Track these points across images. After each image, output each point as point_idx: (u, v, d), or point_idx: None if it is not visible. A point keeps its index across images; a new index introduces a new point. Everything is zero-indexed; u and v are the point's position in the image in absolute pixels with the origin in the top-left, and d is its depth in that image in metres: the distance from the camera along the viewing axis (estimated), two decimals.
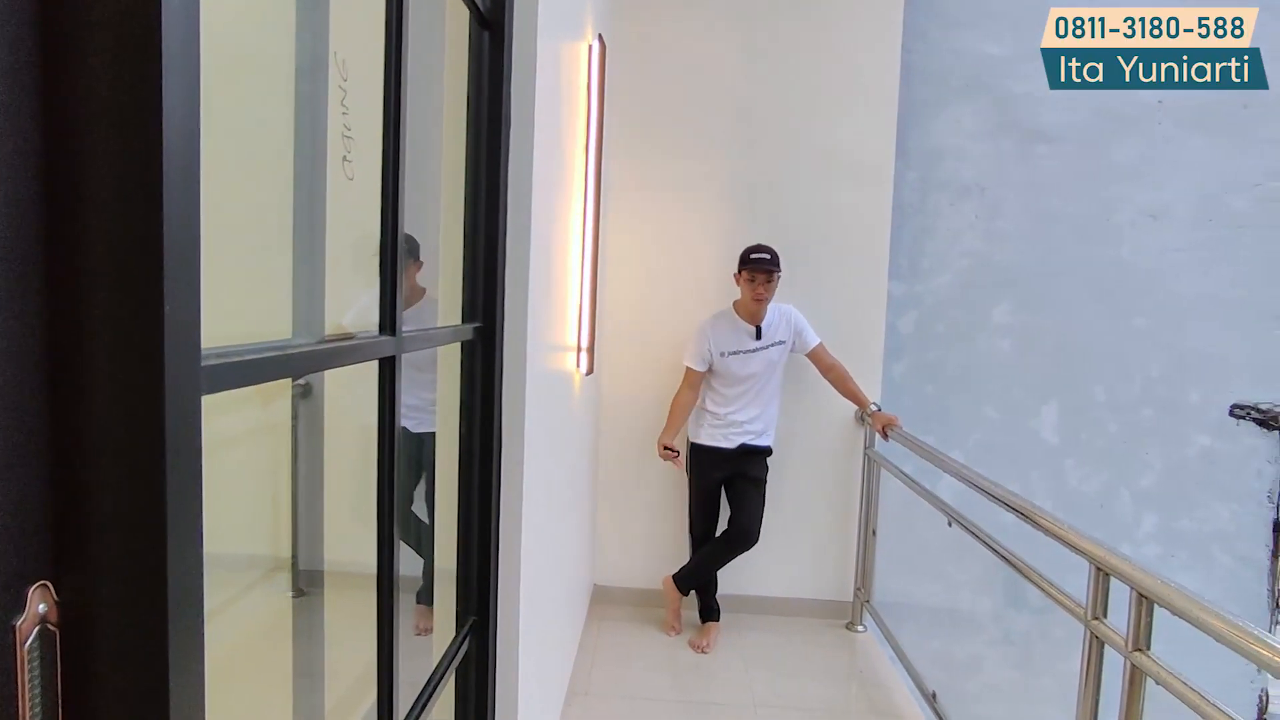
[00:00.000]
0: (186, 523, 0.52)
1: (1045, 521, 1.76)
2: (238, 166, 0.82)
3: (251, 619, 1.16)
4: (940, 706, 2.45)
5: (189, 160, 0.49)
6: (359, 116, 0.99)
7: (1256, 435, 3.61)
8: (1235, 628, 1.19)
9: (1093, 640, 1.58)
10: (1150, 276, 3.62)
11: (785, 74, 3.25)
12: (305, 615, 1.20)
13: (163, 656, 0.50)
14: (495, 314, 1.52)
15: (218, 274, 0.66)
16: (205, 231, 0.53)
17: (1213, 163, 3.57)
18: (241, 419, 0.99)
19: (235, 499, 1.07)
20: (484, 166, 1.50)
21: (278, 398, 1.11)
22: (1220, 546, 3.66)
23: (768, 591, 3.36)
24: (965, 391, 3.71)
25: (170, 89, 0.47)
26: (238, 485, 1.07)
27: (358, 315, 1.14)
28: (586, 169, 2.48)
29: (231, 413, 0.92)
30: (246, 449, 1.09)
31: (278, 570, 1.23)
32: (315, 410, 1.25)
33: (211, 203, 0.55)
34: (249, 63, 0.84)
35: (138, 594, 0.50)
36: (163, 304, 0.48)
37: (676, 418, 3.07)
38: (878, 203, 3.28)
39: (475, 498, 1.54)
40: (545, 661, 2.11)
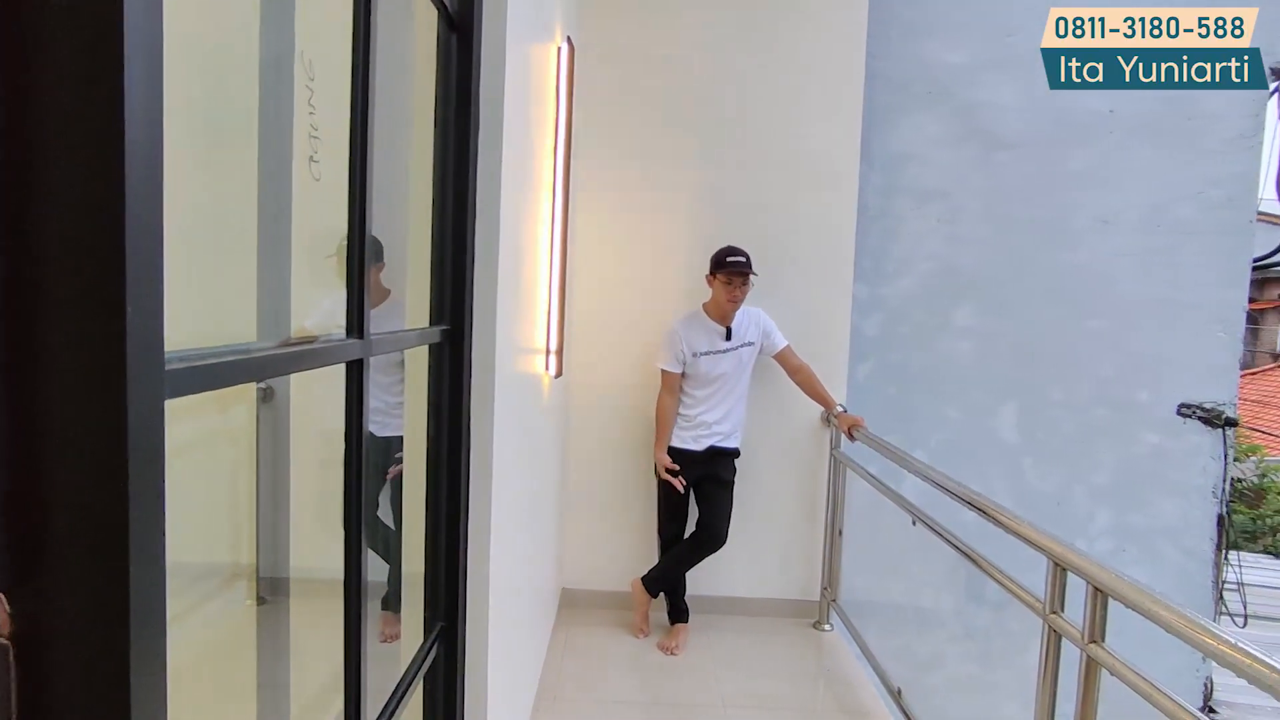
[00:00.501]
0: (149, 531, 0.51)
1: (1005, 519, 1.80)
2: (202, 166, 0.80)
3: (212, 628, 1.13)
4: (905, 702, 2.50)
5: (152, 159, 0.48)
6: (326, 117, 0.97)
7: (1201, 433, 3.75)
8: (1183, 619, 1.24)
9: (1050, 634, 1.63)
10: (1103, 280, 3.73)
11: (752, 79, 3.28)
12: (268, 623, 1.18)
13: (124, 669, 0.49)
14: (463, 317, 1.51)
15: (181, 276, 0.64)
16: (168, 232, 0.51)
17: (1160, 171, 3.71)
18: (204, 423, 0.97)
19: (196, 505, 1.04)
20: (452, 168, 1.48)
21: (241, 402, 1.09)
22: (1168, 541, 3.79)
23: (736, 592, 3.38)
24: (928, 392, 3.78)
25: (132, 85, 0.46)
26: (199, 491, 1.05)
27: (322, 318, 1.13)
28: (555, 172, 2.47)
29: (194, 417, 0.90)
30: (208, 453, 1.07)
31: (239, 578, 1.21)
32: (280, 414, 1.23)
33: (175, 203, 0.54)
34: (214, 61, 0.82)
35: (98, 605, 0.49)
36: (125, 306, 0.47)
37: (664, 426, 3.07)
38: (843, 206, 3.33)
39: (443, 502, 1.52)
40: (514, 667, 2.10)
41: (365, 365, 1.02)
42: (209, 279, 0.84)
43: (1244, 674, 1.10)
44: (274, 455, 1.23)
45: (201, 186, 0.80)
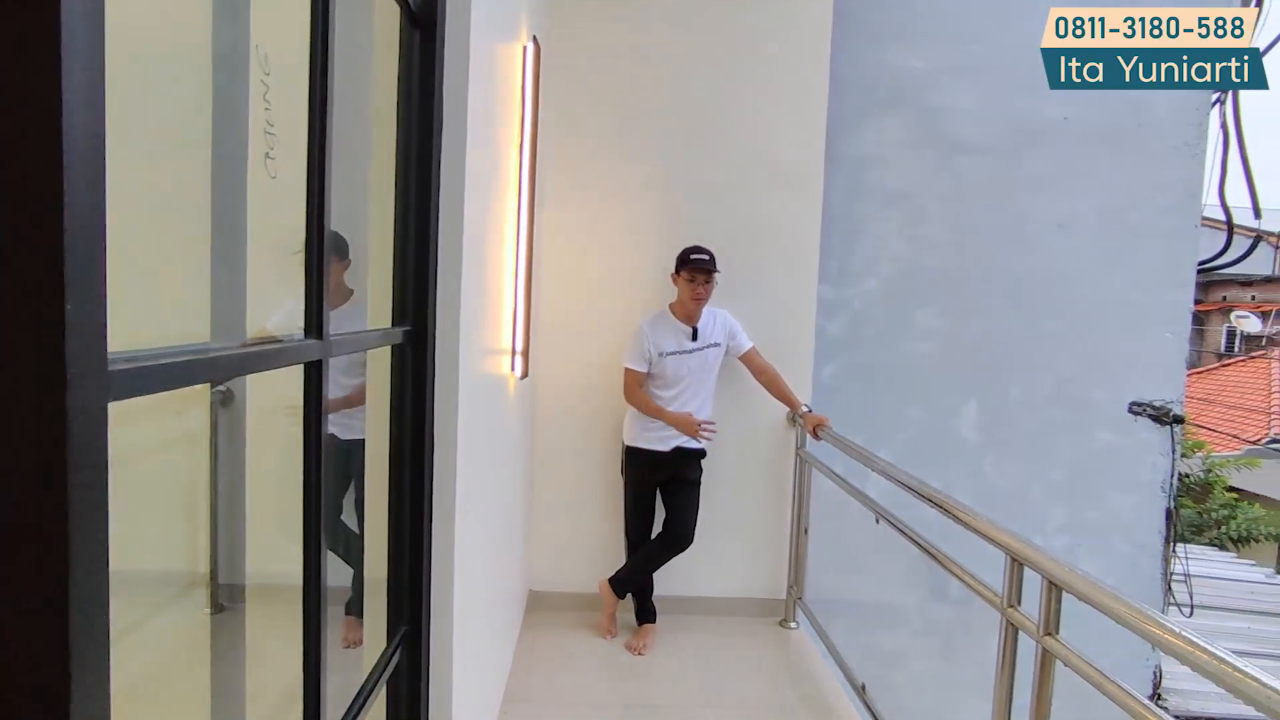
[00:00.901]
0: (91, 539, 0.49)
1: (965, 516, 1.84)
2: (151, 163, 0.78)
3: (165, 639, 1.10)
4: (869, 698, 2.53)
5: (92, 154, 0.47)
6: (283, 113, 0.95)
7: (1151, 430, 3.88)
8: (1131, 610, 1.28)
9: (1008, 627, 1.67)
10: (1059, 282, 3.84)
11: (718, 82, 3.31)
12: (225, 632, 1.15)
13: (65, 685, 0.47)
14: (426, 317, 1.49)
15: (128, 274, 0.62)
16: (114, 229, 0.50)
17: (1112, 177, 3.82)
18: (158, 427, 0.94)
19: (149, 511, 1.01)
20: (415, 167, 1.47)
21: (196, 404, 1.06)
22: (1121, 535, 3.91)
23: (703, 592, 3.40)
24: (892, 392, 3.85)
25: (70, 74, 0.45)
26: (152, 497, 1.02)
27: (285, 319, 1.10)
28: (520, 171, 2.46)
29: (146, 420, 0.87)
30: (163, 458, 1.04)
31: (195, 586, 1.17)
32: (237, 417, 1.20)
33: (120, 200, 0.52)
34: (164, 54, 0.80)
35: (35, 618, 0.47)
36: (64, 303, 0.45)
37: (651, 408, 3.04)
38: (808, 208, 3.37)
39: (406, 504, 1.50)
40: (480, 670, 2.08)
41: (324, 366, 1.00)
42: (159, 278, 0.82)
43: (1187, 661, 1.14)
44: (231, 459, 1.20)
45: (150, 183, 0.78)
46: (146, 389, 0.61)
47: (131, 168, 0.73)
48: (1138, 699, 1.27)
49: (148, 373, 0.61)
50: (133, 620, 0.97)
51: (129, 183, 0.70)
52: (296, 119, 0.93)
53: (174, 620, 1.10)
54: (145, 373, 0.61)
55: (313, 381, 0.98)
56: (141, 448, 0.93)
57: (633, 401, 3.08)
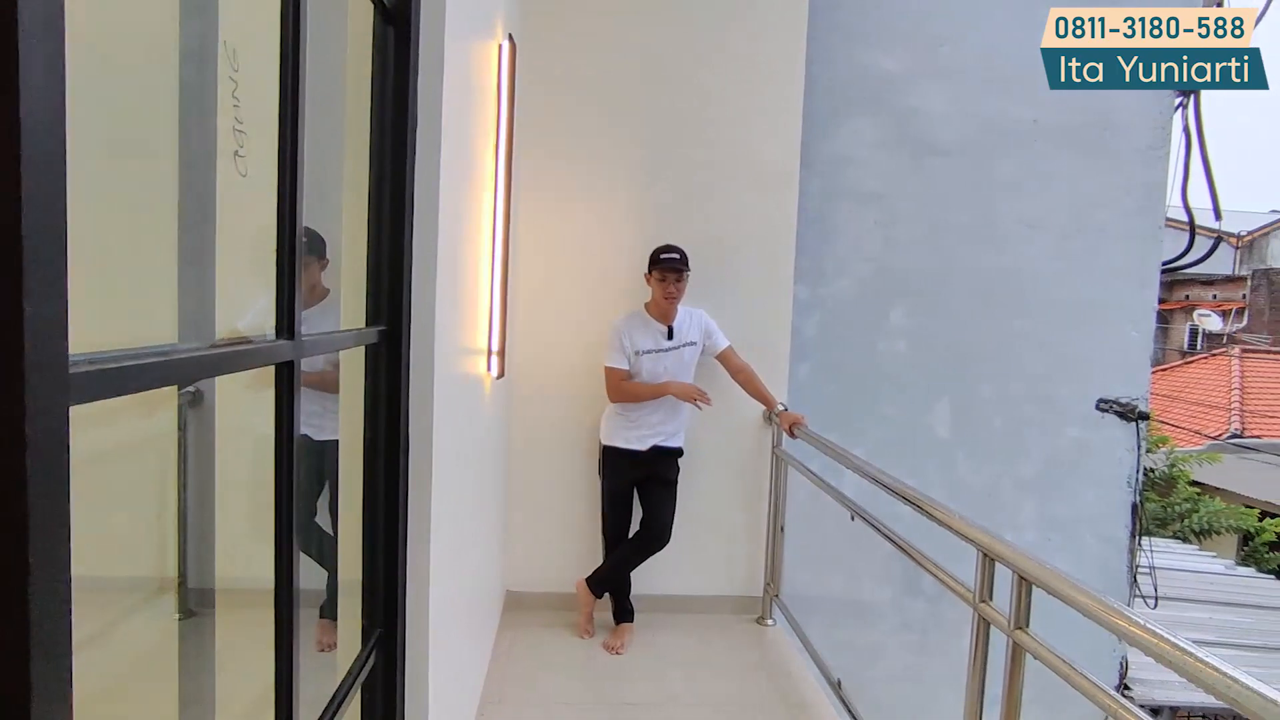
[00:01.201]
0: (52, 545, 0.48)
1: (938, 513, 1.87)
2: (114, 158, 0.76)
3: (131, 646, 1.08)
4: (845, 694, 2.56)
5: (52, 151, 0.46)
6: (253, 110, 0.94)
7: (1117, 426, 3.97)
8: (1100, 603, 1.31)
9: (980, 621, 1.69)
10: (1028, 282, 3.91)
11: (695, 82, 3.31)
12: (194, 638, 1.13)
13: (23, 694, 0.46)
14: (401, 316, 1.47)
15: (91, 274, 0.61)
16: (75, 227, 0.49)
17: (1079, 178, 3.90)
18: (124, 430, 0.92)
19: (115, 516, 0.99)
20: (389, 165, 1.45)
21: (164, 407, 1.04)
22: (1088, 529, 4.00)
23: (680, 590, 3.40)
24: (866, 391, 3.89)
25: (29, 68, 0.43)
26: (118, 500, 0.99)
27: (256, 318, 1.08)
28: (496, 170, 2.44)
29: (112, 423, 0.85)
30: (129, 461, 1.01)
31: (163, 591, 1.15)
32: (207, 419, 1.17)
33: (83, 196, 0.51)
34: (129, 50, 0.78)
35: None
36: (22, 304, 0.44)
37: (644, 389, 3.03)
38: (784, 208, 3.39)
39: (381, 506, 1.49)
40: (456, 672, 2.06)
41: (296, 367, 0.98)
42: (124, 278, 0.80)
43: (1150, 652, 1.17)
44: (201, 463, 1.18)
45: (114, 181, 0.76)
46: (110, 392, 0.60)
47: (94, 165, 0.72)
48: (1105, 690, 1.30)
49: (111, 375, 0.60)
50: (99, 627, 0.95)
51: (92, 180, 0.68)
52: (268, 116, 0.91)
53: (140, 627, 1.08)
54: (108, 375, 0.59)
55: (284, 383, 0.97)
56: (108, 450, 0.91)
57: (621, 397, 3.05)
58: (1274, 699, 0.96)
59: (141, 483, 1.06)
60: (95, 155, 0.72)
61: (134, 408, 0.94)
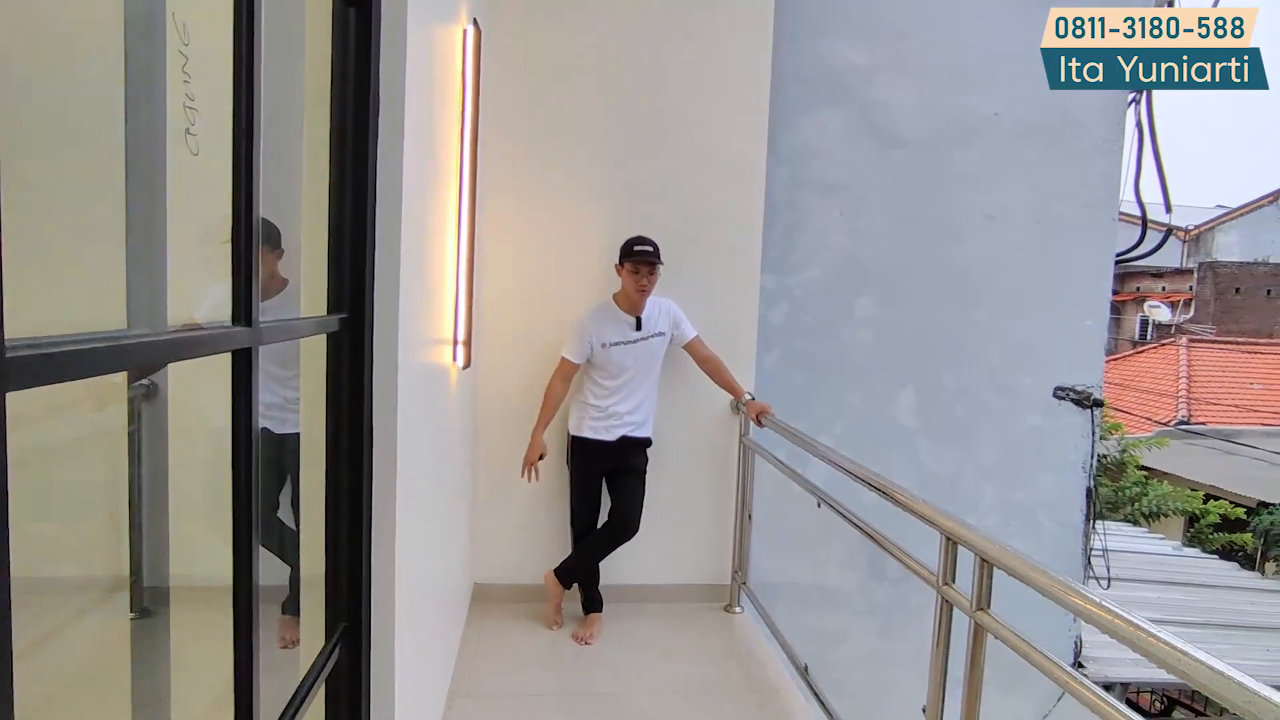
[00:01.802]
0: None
1: (903, 499, 1.90)
2: (56, 136, 0.72)
3: (82, 646, 1.04)
4: (812, 678, 2.60)
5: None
6: (205, 87, 0.90)
7: (1074, 414, 4.08)
8: (1057, 583, 1.34)
9: (943, 604, 1.73)
10: (989, 273, 3.99)
11: (662, 72, 3.30)
12: (149, 637, 1.09)
13: None
14: (364, 304, 1.44)
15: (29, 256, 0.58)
16: (11, 208, 0.46)
17: (1038, 172, 3.98)
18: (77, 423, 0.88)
19: (63, 513, 0.95)
20: (351, 149, 1.41)
21: (117, 399, 1.00)
22: (1046, 513, 4.11)
23: (649, 580, 3.41)
24: (832, 379, 3.93)
25: None
26: (69, 497, 0.95)
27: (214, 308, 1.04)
28: (462, 158, 2.40)
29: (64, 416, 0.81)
30: (81, 456, 0.97)
31: (116, 590, 1.11)
32: (162, 411, 1.13)
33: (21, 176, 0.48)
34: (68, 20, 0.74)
35: None
36: None
37: (548, 410, 3.06)
38: (751, 199, 3.40)
39: (345, 498, 1.46)
40: (423, 665, 2.04)
41: (254, 355, 0.95)
42: (66, 262, 0.76)
43: (1108, 630, 1.20)
44: (155, 457, 1.14)
45: (56, 160, 0.72)
46: (50, 378, 0.57)
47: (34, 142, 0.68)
48: (1063, 668, 1.34)
49: (51, 360, 0.57)
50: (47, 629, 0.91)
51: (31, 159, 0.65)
52: (223, 94, 0.87)
53: (93, 626, 1.04)
54: (49, 360, 0.56)
55: (241, 371, 0.93)
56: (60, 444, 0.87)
57: (548, 391, 3.07)
58: (1222, 670, 1.00)
59: (94, 478, 1.02)
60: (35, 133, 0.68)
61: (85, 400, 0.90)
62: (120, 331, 0.79)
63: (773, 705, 2.65)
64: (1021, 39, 3.92)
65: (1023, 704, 3.99)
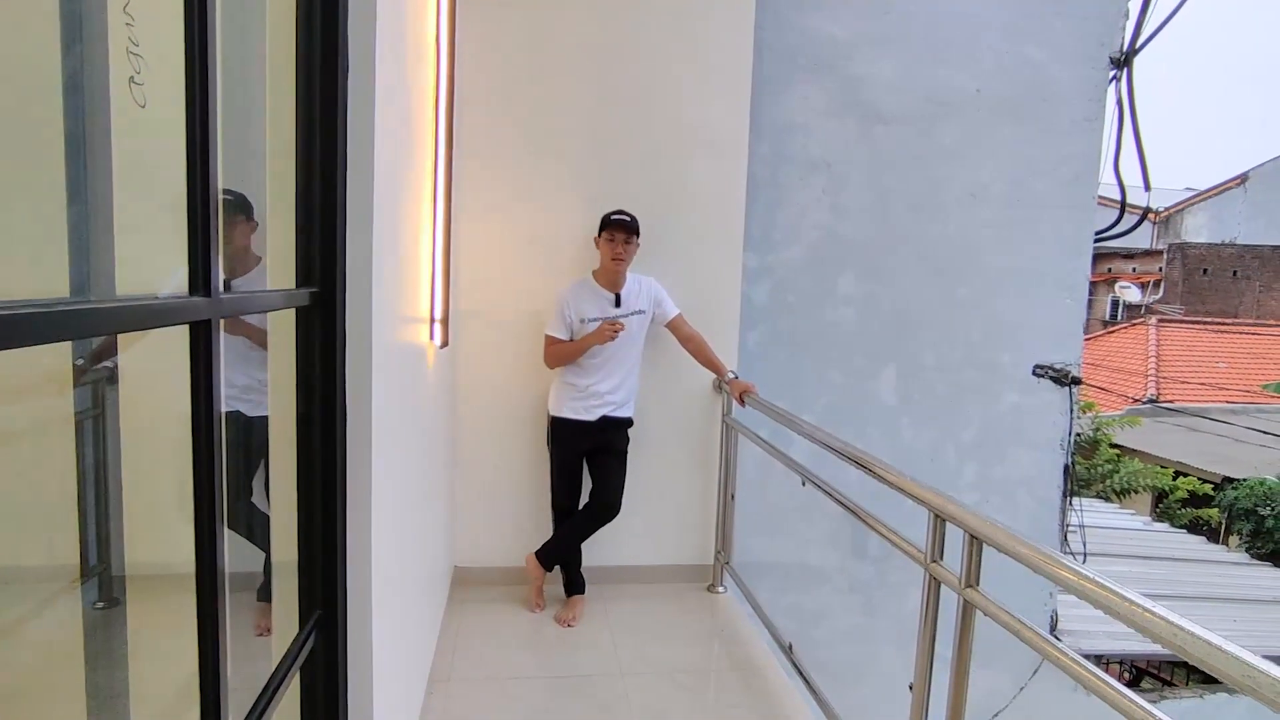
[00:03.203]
0: None
1: (891, 476, 1.88)
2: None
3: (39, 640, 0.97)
4: (796, 657, 2.59)
5: None
6: (153, 34, 0.82)
7: (1052, 391, 4.11)
8: (1046, 558, 1.33)
9: (931, 581, 1.71)
10: (970, 250, 3.98)
11: (643, 47, 3.21)
12: (103, 629, 1.03)
13: None
14: (335, 278, 1.37)
15: None
16: None
17: (1019, 148, 3.97)
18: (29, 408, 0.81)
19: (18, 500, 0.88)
20: (319, 113, 1.33)
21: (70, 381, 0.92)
22: (1024, 490, 4.15)
23: (632, 560, 3.39)
24: (814, 357, 3.92)
25: None
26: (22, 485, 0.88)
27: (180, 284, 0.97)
28: (437, 129, 2.31)
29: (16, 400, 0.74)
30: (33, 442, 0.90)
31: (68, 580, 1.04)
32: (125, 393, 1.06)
33: None
34: None
35: None
36: None
37: (570, 349, 2.95)
38: (732, 176, 3.34)
39: (318, 480, 1.39)
40: (402, 651, 1.99)
41: (214, 328, 0.89)
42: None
43: (1099, 604, 1.19)
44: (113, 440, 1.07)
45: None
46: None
47: None
48: (1053, 644, 1.33)
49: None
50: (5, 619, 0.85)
51: None
52: (174, 41, 0.80)
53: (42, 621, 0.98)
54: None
55: (200, 345, 0.87)
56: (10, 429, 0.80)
57: (555, 362, 3.01)
58: (1219, 645, 0.99)
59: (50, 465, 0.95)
60: None
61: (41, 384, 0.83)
62: (62, 299, 0.72)
63: (756, 684, 2.65)
64: (1003, 14, 3.90)
65: (1000, 677, 4.06)
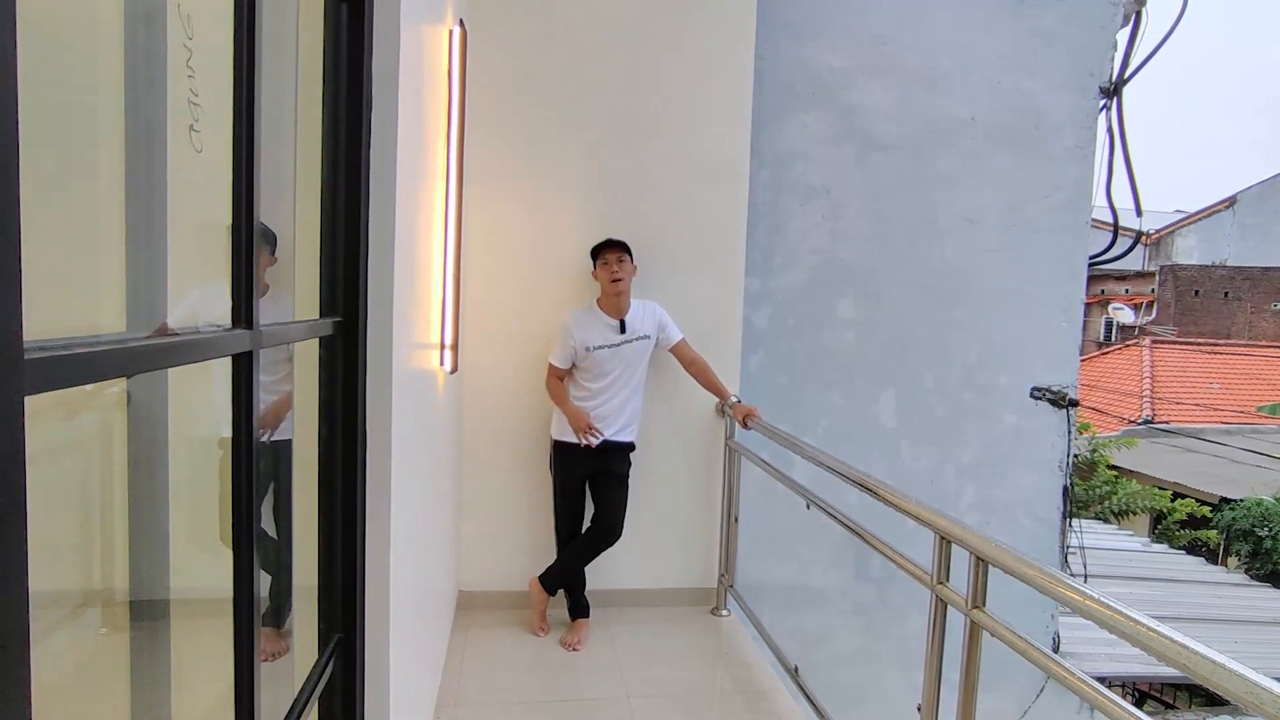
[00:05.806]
0: (8, 547, 0.43)
1: (896, 499, 1.91)
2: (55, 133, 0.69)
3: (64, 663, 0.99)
4: (802, 680, 2.60)
5: (4, 127, 0.41)
6: (203, 84, 0.87)
7: (1050, 413, 4.16)
8: (1053, 579, 1.36)
9: (937, 603, 1.74)
10: (967, 274, 4.05)
11: (646, 77, 3.29)
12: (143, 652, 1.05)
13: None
14: (358, 308, 1.41)
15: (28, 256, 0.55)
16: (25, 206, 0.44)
17: (1014, 175, 4.06)
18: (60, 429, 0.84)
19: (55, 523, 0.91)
20: (344, 150, 1.38)
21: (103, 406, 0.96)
22: (1024, 511, 4.18)
23: (635, 584, 3.40)
24: (814, 380, 3.96)
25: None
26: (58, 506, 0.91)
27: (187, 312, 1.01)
28: (448, 160, 2.37)
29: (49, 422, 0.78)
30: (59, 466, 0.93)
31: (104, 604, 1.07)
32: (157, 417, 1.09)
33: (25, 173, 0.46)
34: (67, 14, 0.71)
35: None
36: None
37: (562, 400, 3.03)
38: (734, 202, 3.41)
39: (339, 506, 1.42)
40: (415, 675, 2.00)
41: (255, 359, 0.93)
42: (66, 263, 0.73)
43: (1105, 624, 1.22)
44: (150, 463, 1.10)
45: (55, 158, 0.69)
46: (65, 381, 0.54)
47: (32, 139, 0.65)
48: (1062, 665, 1.35)
49: (65, 363, 0.54)
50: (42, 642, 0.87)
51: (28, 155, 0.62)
52: (222, 91, 0.85)
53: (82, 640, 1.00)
54: (63, 363, 0.54)
55: (243, 375, 0.91)
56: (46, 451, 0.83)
57: (550, 390, 3.08)
58: (1223, 663, 1.01)
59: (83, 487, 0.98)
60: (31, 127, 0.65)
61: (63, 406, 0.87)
62: (124, 335, 0.76)
63: (761, 707, 2.65)
64: (996, 44, 4.01)
65: (1003, 701, 4.05)
